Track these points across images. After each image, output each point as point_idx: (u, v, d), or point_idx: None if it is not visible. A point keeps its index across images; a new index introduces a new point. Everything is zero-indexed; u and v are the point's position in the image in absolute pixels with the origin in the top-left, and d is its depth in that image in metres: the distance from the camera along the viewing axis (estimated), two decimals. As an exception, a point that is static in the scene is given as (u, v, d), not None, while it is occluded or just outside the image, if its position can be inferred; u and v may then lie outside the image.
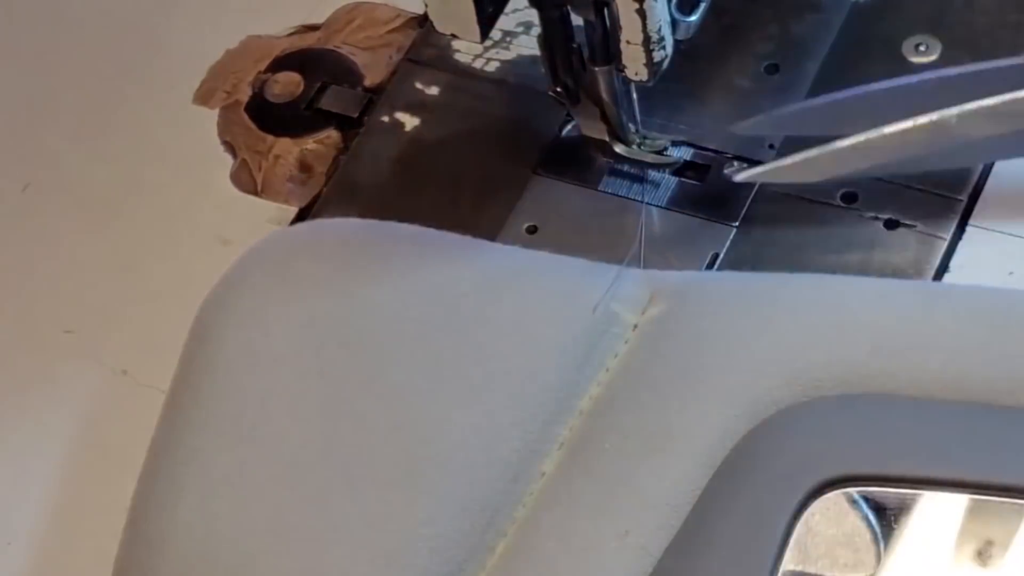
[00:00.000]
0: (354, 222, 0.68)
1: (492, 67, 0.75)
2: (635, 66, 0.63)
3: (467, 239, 0.66)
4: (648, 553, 0.55)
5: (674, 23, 0.63)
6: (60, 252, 0.74)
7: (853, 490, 0.55)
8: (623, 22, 0.61)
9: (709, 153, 0.69)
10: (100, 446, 0.67)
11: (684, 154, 0.69)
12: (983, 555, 0.55)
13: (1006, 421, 0.55)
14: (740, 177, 0.65)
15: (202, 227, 0.73)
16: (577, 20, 0.64)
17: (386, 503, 0.58)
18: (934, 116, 0.61)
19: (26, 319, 0.72)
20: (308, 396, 0.61)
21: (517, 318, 0.62)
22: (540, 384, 0.60)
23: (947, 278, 0.64)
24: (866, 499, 0.56)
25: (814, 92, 0.70)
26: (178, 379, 0.63)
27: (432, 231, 0.66)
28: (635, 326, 0.61)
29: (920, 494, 0.56)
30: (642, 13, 0.60)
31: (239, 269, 0.66)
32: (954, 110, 0.61)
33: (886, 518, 0.56)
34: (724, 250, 0.66)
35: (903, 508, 0.56)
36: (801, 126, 0.65)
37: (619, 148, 0.68)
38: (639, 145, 0.68)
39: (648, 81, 0.63)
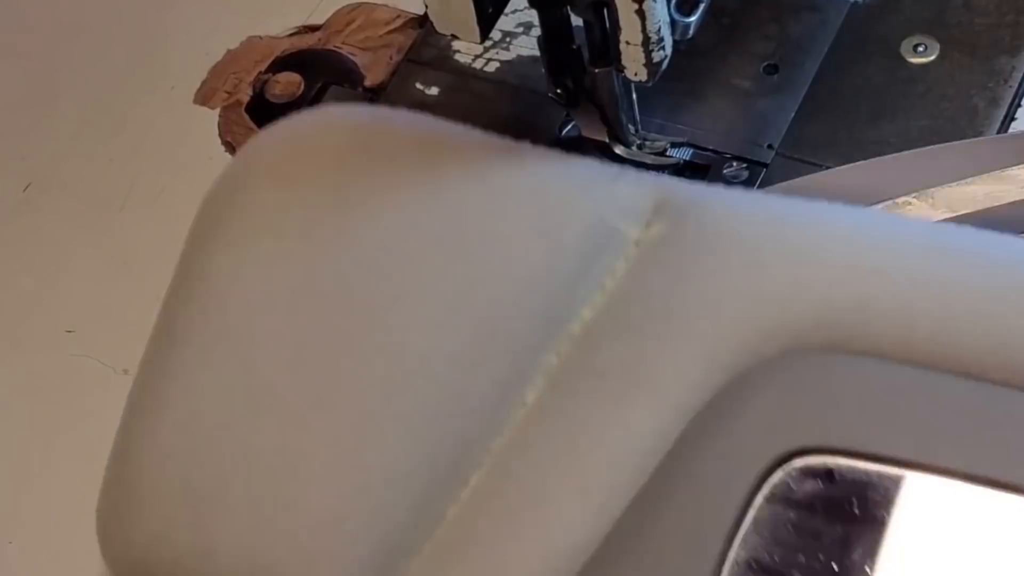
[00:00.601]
0: (360, 110, 0.67)
1: (492, 67, 0.75)
2: (635, 67, 0.63)
3: (481, 137, 0.64)
4: (607, 512, 0.54)
5: (673, 24, 0.63)
6: (60, 252, 0.74)
7: (823, 459, 0.53)
8: (623, 23, 0.61)
9: (709, 153, 0.69)
10: (101, 445, 0.67)
11: (684, 155, 0.69)
12: None
13: (994, 401, 0.53)
14: None
15: (202, 227, 0.73)
16: (577, 21, 0.64)
17: (358, 434, 0.57)
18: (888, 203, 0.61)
19: (26, 319, 0.72)
20: (294, 315, 0.60)
21: (514, 235, 0.59)
22: (529, 310, 0.58)
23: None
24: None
25: (813, 92, 0.70)
26: (174, 284, 0.63)
27: (447, 125, 0.64)
28: (637, 242, 0.60)
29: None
30: (641, 14, 0.60)
31: (241, 163, 0.65)
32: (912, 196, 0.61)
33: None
34: (723, 250, 0.66)
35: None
36: None
37: (619, 149, 0.68)
38: (639, 146, 0.69)
39: (648, 82, 0.63)
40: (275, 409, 0.59)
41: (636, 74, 0.63)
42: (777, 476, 0.53)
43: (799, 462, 0.53)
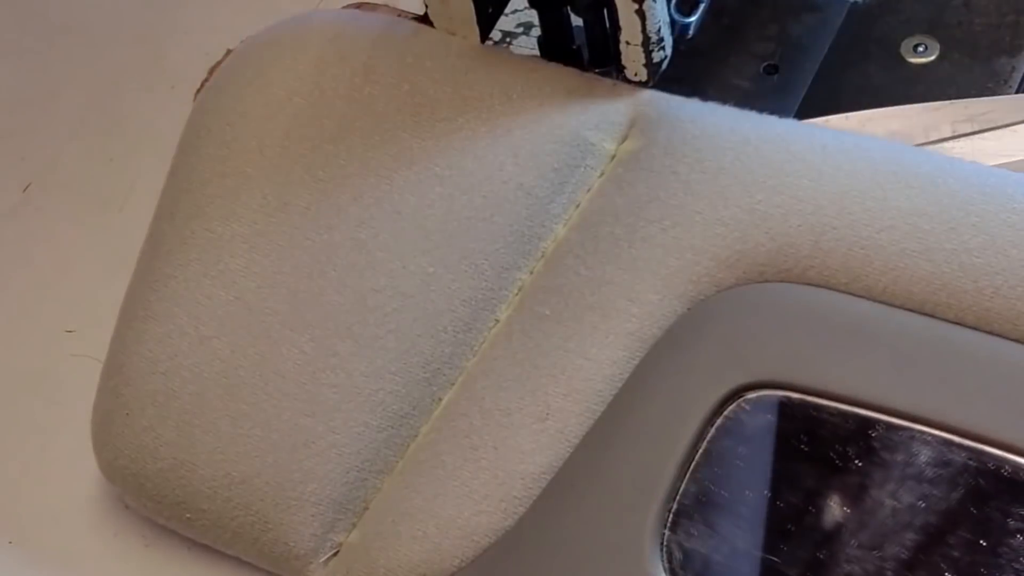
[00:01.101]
0: (340, 16, 0.66)
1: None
2: (635, 67, 0.63)
3: (457, 46, 0.64)
4: (566, 438, 0.55)
5: (673, 24, 0.63)
6: (60, 252, 0.74)
7: (776, 392, 0.53)
8: (623, 23, 0.61)
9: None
10: (101, 445, 0.67)
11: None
12: None
13: (946, 340, 0.53)
14: None
15: (202, 227, 0.73)
16: (577, 21, 0.64)
17: (331, 354, 0.58)
18: None
19: (26, 319, 0.72)
20: (272, 231, 0.60)
21: (487, 151, 0.60)
22: (503, 228, 0.59)
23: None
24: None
25: (813, 93, 0.70)
26: (164, 193, 0.63)
27: (426, 32, 0.64)
28: (613, 156, 0.60)
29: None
30: (641, 14, 0.60)
31: (228, 70, 0.65)
32: None
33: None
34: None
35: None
36: None
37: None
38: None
39: (648, 82, 0.63)
40: (254, 327, 0.59)
41: (636, 74, 0.63)
42: (730, 409, 0.53)
43: (752, 396, 0.53)
